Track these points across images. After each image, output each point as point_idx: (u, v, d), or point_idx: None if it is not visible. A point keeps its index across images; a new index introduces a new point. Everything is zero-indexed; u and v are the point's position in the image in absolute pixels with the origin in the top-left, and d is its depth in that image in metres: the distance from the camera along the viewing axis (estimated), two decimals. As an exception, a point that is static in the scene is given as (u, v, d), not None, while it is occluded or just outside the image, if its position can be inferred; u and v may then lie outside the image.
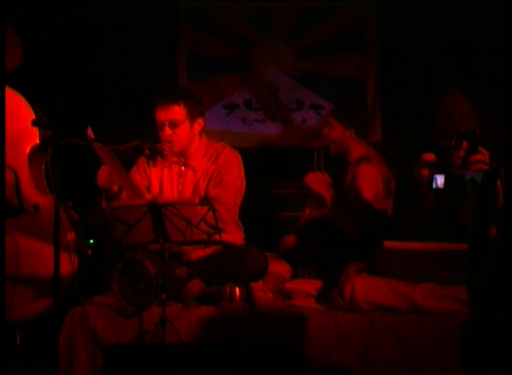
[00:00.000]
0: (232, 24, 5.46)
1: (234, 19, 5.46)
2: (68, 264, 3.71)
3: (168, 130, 4.00)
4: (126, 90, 5.38)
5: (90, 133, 3.68)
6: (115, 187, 3.94)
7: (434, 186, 2.88)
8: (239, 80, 5.49)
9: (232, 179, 4.07)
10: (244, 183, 4.13)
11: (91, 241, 4.18)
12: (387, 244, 3.83)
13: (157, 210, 3.53)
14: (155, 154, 4.05)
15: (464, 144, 3.92)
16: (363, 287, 3.73)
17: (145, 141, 4.05)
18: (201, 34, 5.47)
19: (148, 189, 4.12)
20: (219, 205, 3.96)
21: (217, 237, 3.63)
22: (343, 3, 5.45)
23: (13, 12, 4.16)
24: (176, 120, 3.99)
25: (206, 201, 3.89)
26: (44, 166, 4.10)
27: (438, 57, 5.26)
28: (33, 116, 3.99)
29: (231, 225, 4.10)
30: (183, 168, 4.10)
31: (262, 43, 5.47)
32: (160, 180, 4.12)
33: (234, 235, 4.10)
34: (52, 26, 5.21)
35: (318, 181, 4.43)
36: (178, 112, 3.99)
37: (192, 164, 4.09)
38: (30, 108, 4.02)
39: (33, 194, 4.02)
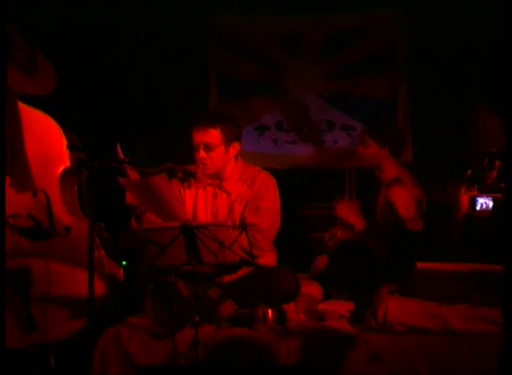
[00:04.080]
0: (262, 46, 5.59)
1: (264, 41, 5.59)
2: (100, 285, 3.83)
3: (202, 153, 4.11)
4: (158, 112, 5.52)
5: (118, 151, 3.81)
6: (144, 207, 4.06)
7: (477, 208, 2.94)
8: (270, 101, 5.62)
9: (269, 205, 4.17)
10: (280, 207, 4.23)
11: (124, 263, 4.28)
12: (419, 265, 3.89)
13: (190, 232, 3.64)
14: (188, 176, 4.17)
15: (497, 164, 4.00)
16: (396, 308, 3.79)
17: (178, 163, 4.17)
18: (232, 57, 5.61)
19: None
20: (257, 232, 4.07)
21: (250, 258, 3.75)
22: (372, 25, 5.55)
23: (40, 36, 4.30)
24: (211, 144, 4.11)
25: (243, 227, 3.93)
26: (76, 188, 4.22)
27: (469, 77, 5.34)
28: (65, 139, 4.09)
29: (265, 249, 4.20)
30: (217, 190, 4.21)
31: (292, 64, 5.59)
32: (194, 202, 4.23)
33: (267, 257, 4.20)
34: (82, 49, 5.37)
35: (348, 210, 4.52)
36: (214, 135, 4.11)
37: (226, 187, 4.20)
38: (61, 131, 4.10)
39: (65, 216, 4.09)
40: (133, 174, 3.94)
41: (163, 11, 5.49)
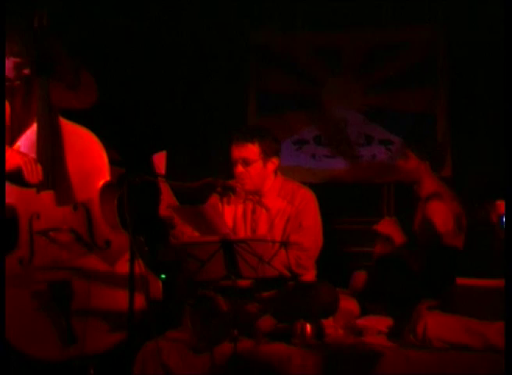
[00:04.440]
0: (302, 60, 5.62)
1: (303, 55, 5.62)
2: (140, 299, 3.88)
3: (240, 168, 4.15)
4: (197, 126, 5.58)
5: (155, 164, 3.86)
6: (177, 219, 4.10)
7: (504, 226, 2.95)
8: (308, 116, 5.64)
9: (311, 222, 4.19)
10: (321, 223, 4.24)
11: (163, 276, 4.32)
12: (460, 280, 3.88)
13: (229, 246, 3.67)
14: (228, 191, 4.20)
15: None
16: (435, 324, 3.79)
17: (218, 177, 4.20)
18: (271, 71, 5.65)
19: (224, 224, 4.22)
20: (301, 251, 4.09)
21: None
22: (412, 38, 5.56)
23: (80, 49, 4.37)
24: (248, 159, 4.14)
25: (284, 243, 3.99)
26: (116, 202, 4.26)
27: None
28: (105, 153, 4.16)
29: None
30: (256, 205, 4.23)
31: (331, 79, 5.62)
32: (233, 218, 4.25)
33: (307, 273, 4.19)
34: (121, 62, 5.45)
35: (388, 227, 4.52)
36: (251, 150, 4.14)
37: (266, 202, 4.21)
38: (101, 146, 4.17)
39: (105, 229, 4.15)
40: (166, 190, 3.99)
41: (204, 26, 5.55)
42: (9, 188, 4.14)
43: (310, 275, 4.22)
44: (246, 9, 5.57)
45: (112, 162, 4.14)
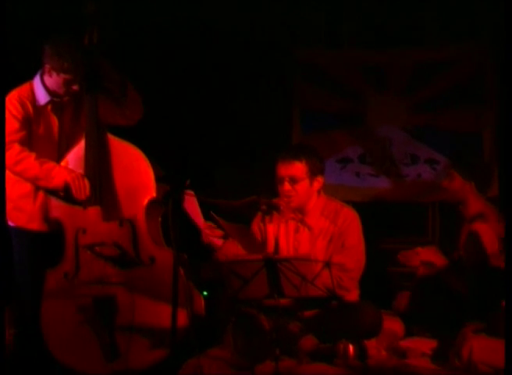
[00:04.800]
0: (347, 79, 5.65)
1: (349, 74, 5.65)
2: (183, 316, 3.91)
3: (287, 186, 4.16)
4: (242, 144, 5.63)
5: (190, 210, 3.94)
6: (219, 242, 4.13)
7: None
8: (353, 134, 5.66)
9: (354, 242, 4.18)
10: (364, 243, 4.24)
11: (205, 293, 4.35)
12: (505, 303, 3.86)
13: (272, 265, 3.70)
14: (272, 209, 4.22)
15: None
16: (481, 348, 3.76)
17: (262, 196, 4.23)
18: (316, 89, 5.69)
19: (264, 245, 4.26)
20: (343, 272, 4.09)
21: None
22: (459, 57, 5.55)
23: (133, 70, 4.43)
24: (296, 176, 4.15)
25: (326, 264, 3.95)
26: (160, 219, 4.31)
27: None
28: (152, 170, 4.21)
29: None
30: (299, 224, 4.24)
31: (377, 97, 5.64)
32: (276, 236, 4.26)
33: (350, 293, 4.20)
34: (169, 81, 5.52)
35: (432, 254, 4.51)
36: (299, 168, 4.16)
37: (309, 222, 4.22)
38: (148, 163, 4.22)
39: (150, 246, 4.19)
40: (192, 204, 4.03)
41: (250, 43, 5.60)
42: (56, 203, 4.23)
43: (353, 295, 4.21)
44: (291, 27, 5.62)
45: (157, 178, 4.19)
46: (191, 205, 4.00)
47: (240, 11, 5.55)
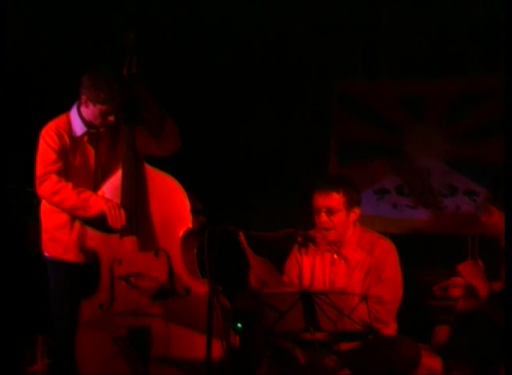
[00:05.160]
0: (385, 110, 5.63)
1: (387, 104, 5.63)
2: (218, 348, 3.91)
3: (324, 217, 4.16)
4: (278, 175, 5.64)
5: (241, 237, 3.95)
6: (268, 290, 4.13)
7: None
8: (390, 164, 5.63)
9: (391, 274, 4.16)
10: (401, 275, 4.22)
11: (239, 326, 4.35)
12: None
13: (308, 298, 3.69)
14: (308, 241, 4.21)
15: None
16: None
17: (298, 227, 4.23)
18: (353, 120, 5.68)
19: (299, 277, 4.27)
20: (380, 304, 4.06)
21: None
22: (500, 87, 5.48)
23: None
24: (333, 207, 4.16)
25: (363, 297, 3.93)
26: (196, 250, 4.32)
27: None
28: (188, 201, 4.24)
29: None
30: (335, 256, 4.23)
31: (415, 128, 5.60)
32: (312, 268, 4.26)
33: (387, 327, 4.17)
34: (206, 111, 5.57)
35: (472, 271, 4.45)
36: (336, 199, 4.16)
37: (345, 253, 4.21)
38: (184, 193, 4.24)
39: (185, 277, 4.20)
40: (257, 262, 4.04)
41: (288, 74, 5.63)
42: (93, 233, 4.27)
43: (390, 329, 4.18)
44: (329, 57, 5.63)
45: (194, 210, 4.21)
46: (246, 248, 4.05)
47: (278, 42, 5.58)
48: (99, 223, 4.21)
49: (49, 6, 5.38)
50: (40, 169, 4.23)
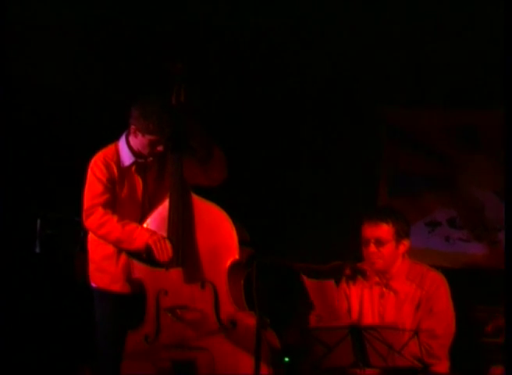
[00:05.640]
0: (436, 140, 5.60)
1: (438, 134, 5.60)
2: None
3: (373, 248, 4.14)
4: (326, 206, 5.62)
5: (304, 278, 3.93)
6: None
7: None
8: (442, 197, 5.59)
9: (443, 307, 4.11)
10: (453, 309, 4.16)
11: (287, 360, 4.32)
12: None
13: (358, 333, 3.66)
14: (357, 274, 4.18)
15: None
16: None
17: (347, 259, 4.20)
18: (404, 151, 5.66)
19: (348, 311, 4.22)
20: (432, 339, 4.01)
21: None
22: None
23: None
24: (382, 238, 4.13)
25: (415, 332, 3.88)
26: (242, 282, 4.30)
27: None
28: (235, 232, 4.21)
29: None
30: (384, 289, 4.20)
31: (467, 159, 5.56)
32: (360, 302, 4.22)
33: (440, 364, 4.11)
34: (252, 147, 5.59)
35: None
36: (385, 230, 4.14)
37: (394, 286, 4.17)
38: (232, 224, 4.23)
39: (232, 309, 4.18)
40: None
41: (336, 103, 5.63)
42: (139, 264, 4.27)
43: (442, 366, 4.11)
44: (379, 87, 5.62)
45: (241, 241, 4.20)
46: None
47: (327, 72, 5.59)
48: (145, 255, 4.21)
49: (97, 36, 5.46)
50: (87, 201, 4.27)
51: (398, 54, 5.57)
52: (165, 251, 4.15)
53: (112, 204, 4.27)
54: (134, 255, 4.26)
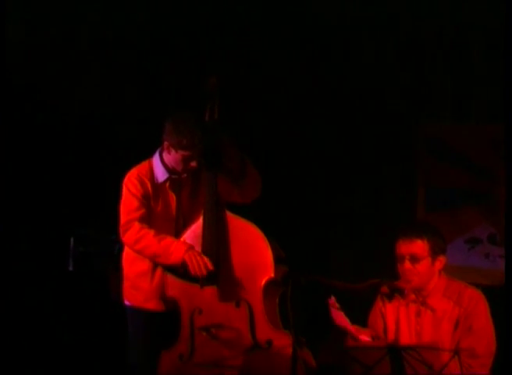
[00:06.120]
0: (476, 154, 5.55)
1: (478, 148, 5.56)
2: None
3: (408, 264, 4.10)
4: (362, 223, 5.60)
5: (332, 302, 3.92)
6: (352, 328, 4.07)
7: None
8: (482, 212, 5.53)
9: (483, 324, 4.06)
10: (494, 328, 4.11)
11: (323, 379, 4.29)
12: None
13: (397, 353, 3.62)
14: (394, 292, 4.14)
15: None
16: None
17: (383, 277, 4.17)
18: (442, 165, 5.61)
19: (384, 330, 4.19)
20: (473, 359, 3.96)
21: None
22: None
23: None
24: (417, 255, 4.09)
25: (455, 352, 3.83)
26: (277, 300, 4.27)
27: None
28: (270, 250, 4.20)
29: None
30: (421, 307, 4.14)
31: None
32: (396, 320, 4.18)
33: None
34: (287, 161, 5.58)
35: None
36: (420, 246, 4.09)
37: (431, 303, 4.12)
38: (267, 242, 4.22)
39: (267, 328, 4.16)
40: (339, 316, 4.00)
41: (370, 117, 5.61)
42: (173, 281, 4.28)
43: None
44: (416, 100, 5.60)
45: (276, 259, 4.18)
46: (336, 314, 4.00)
47: (363, 85, 5.58)
48: (181, 269, 4.21)
49: (132, 53, 5.50)
50: (123, 217, 4.29)
51: (438, 68, 5.56)
52: (202, 266, 4.15)
53: (147, 219, 4.29)
54: (171, 269, 4.26)
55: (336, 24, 5.52)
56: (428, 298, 4.13)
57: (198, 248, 4.22)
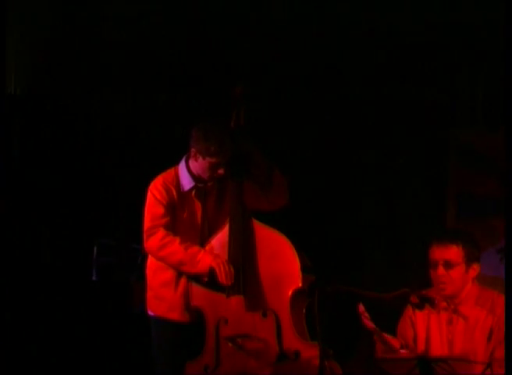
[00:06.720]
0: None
1: (507, 155, 5.52)
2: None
3: (441, 270, 4.07)
4: (391, 231, 5.57)
5: (361, 309, 3.91)
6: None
7: None
8: (513, 221, 5.50)
9: None
10: None
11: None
12: None
13: (427, 365, 3.59)
14: (424, 302, 4.11)
15: None
16: None
17: (413, 285, 4.14)
18: (473, 172, 5.57)
19: (414, 339, 4.15)
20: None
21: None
22: None
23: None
24: (451, 261, 4.06)
25: (489, 366, 3.79)
26: (305, 310, 4.26)
27: None
28: (298, 259, 4.19)
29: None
30: (452, 315, 4.11)
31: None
32: (427, 329, 4.14)
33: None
34: (314, 168, 5.57)
35: None
36: (455, 252, 4.07)
37: (463, 311, 4.09)
38: (294, 251, 4.21)
39: (295, 339, 4.14)
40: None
41: (400, 123, 5.59)
42: (198, 291, 4.28)
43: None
44: (445, 107, 5.57)
45: (303, 268, 4.17)
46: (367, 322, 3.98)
47: (391, 91, 5.56)
48: (207, 278, 4.21)
49: (158, 60, 5.53)
50: (147, 222, 4.30)
51: (469, 74, 5.54)
52: (228, 274, 4.15)
53: (172, 227, 4.30)
54: (194, 278, 4.26)
55: (367, 30, 5.51)
56: (460, 306, 4.10)
57: (224, 257, 4.22)
